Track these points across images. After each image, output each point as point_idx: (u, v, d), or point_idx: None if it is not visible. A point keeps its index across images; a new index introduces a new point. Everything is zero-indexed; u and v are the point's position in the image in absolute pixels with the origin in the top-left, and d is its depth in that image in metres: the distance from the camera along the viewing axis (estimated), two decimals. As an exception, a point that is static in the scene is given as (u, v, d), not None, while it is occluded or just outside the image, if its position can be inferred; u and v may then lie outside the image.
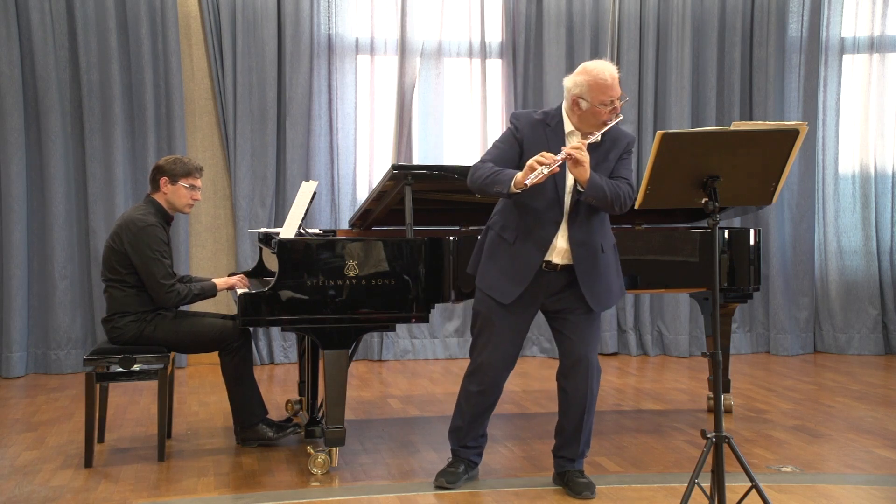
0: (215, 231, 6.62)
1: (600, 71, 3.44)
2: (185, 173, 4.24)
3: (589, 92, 3.44)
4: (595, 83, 3.42)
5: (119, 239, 4.13)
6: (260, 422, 4.28)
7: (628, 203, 3.48)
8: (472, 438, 3.81)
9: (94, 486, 3.77)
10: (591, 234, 3.56)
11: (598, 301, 3.59)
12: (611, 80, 3.43)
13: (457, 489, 3.72)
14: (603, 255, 3.59)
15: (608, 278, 3.61)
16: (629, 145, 3.59)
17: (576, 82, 3.47)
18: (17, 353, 6.12)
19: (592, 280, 3.56)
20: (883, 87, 7.11)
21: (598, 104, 3.44)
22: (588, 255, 3.56)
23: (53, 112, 6.13)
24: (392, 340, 6.75)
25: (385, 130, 6.75)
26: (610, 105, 3.44)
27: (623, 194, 3.46)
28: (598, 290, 3.58)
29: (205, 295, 4.22)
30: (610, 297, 3.64)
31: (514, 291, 3.57)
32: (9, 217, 6.11)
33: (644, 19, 6.93)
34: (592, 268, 3.56)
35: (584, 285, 3.55)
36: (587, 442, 3.73)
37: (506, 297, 3.58)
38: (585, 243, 3.55)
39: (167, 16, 6.27)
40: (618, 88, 3.45)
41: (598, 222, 3.59)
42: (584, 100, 3.45)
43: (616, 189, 3.45)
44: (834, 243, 7.14)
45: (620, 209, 3.48)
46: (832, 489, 3.76)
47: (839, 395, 5.60)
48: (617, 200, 3.45)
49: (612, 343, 6.98)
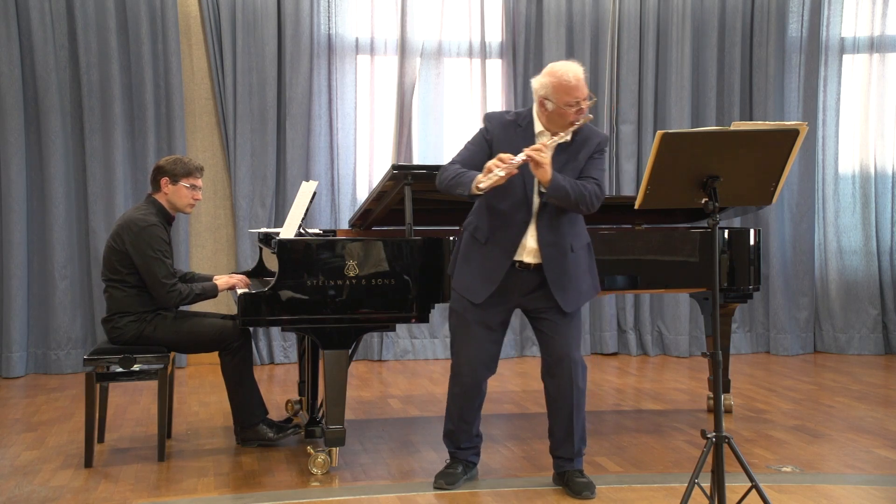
0: (215, 231, 6.62)
1: (564, 72, 3.45)
2: (186, 173, 4.24)
3: (554, 93, 3.46)
4: (559, 84, 3.44)
5: (120, 239, 4.13)
6: (260, 422, 4.28)
7: (595, 203, 3.48)
8: (466, 439, 3.81)
9: (94, 486, 3.77)
10: (560, 234, 3.56)
11: (568, 302, 3.58)
12: (575, 81, 3.44)
13: (456, 489, 3.72)
14: (572, 254, 3.59)
15: (578, 278, 3.60)
16: (600, 145, 3.59)
17: (542, 83, 3.50)
18: (17, 353, 6.12)
19: (562, 281, 3.57)
20: (883, 87, 7.11)
21: (563, 105, 3.46)
22: (557, 256, 3.56)
23: (53, 112, 6.13)
24: (392, 340, 6.76)
25: (385, 130, 6.75)
26: (575, 106, 3.45)
27: (589, 194, 3.46)
28: (567, 290, 3.58)
29: (206, 295, 4.22)
30: (579, 298, 3.63)
31: (486, 291, 3.59)
32: (9, 217, 6.11)
33: (644, 19, 6.94)
34: (562, 268, 3.57)
35: (554, 286, 3.56)
36: (582, 439, 3.73)
37: (477, 296, 3.62)
38: (554, 244, 3.56)
39: (167, 16, 6.27)
40: (583, 89, 3.46)
41: (567, 223, 3.58)
42: (550, 101, 3.48)
43: (581, 189, 3.45)
44: (834, 243, 7.14)
45: (587, 209, 3.49)
46: (832, 489, 3.76)
47: (839, 395, 5.60)
48: (582, 201, 3.45)
49: (612, 343, 6.98)
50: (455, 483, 3.74)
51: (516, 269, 3.59)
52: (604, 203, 4.71)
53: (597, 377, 6.18)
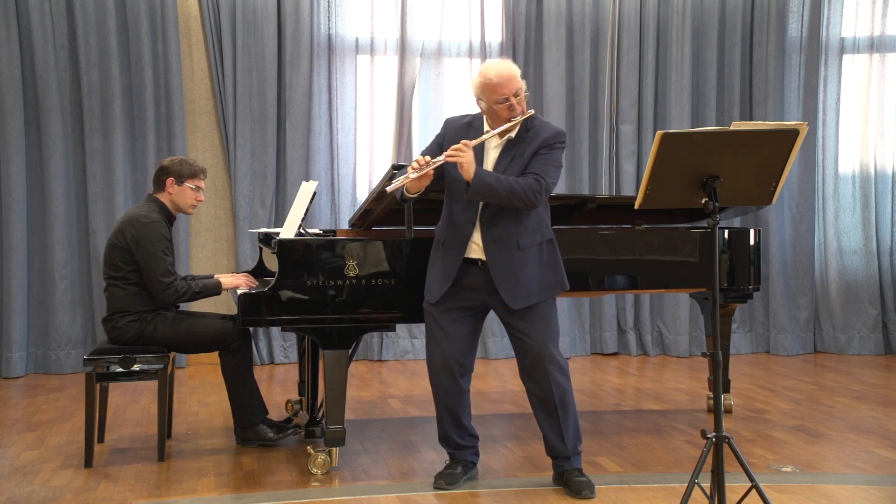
0: (215, 231, 6.62)
1: (487, 71, 3.50)
2: (192, 174, 4.26)
3: (482, 92, 3.51)
4: (484, 83, 3.49)
5: (122, 235, 4.14)
6: (260, 422, 4.28)
7: (532, 197, 3.46)
8: (461, 438, 3.81)
9: (94, 486, 3.77)
10: (506, 232, 3.56)
11: (514, 298, 3.56)
12: (497, 78, 3.46)
13: (456, 489, 3.72)
14: (519, 252, 3.56)
15: (526, 276, 3.57)
16: (547, 140, 3.55)
17: (473, 84, 3.57)
18: (17, 353, 6.12)
19: (507, 277, 3.56)
20: (883, 87, 7.11)
21: (492, 103, 3.49)
22: (501, 252, 3.56)
23: (53, 112, 6.13)
24: (392, 340, 6.75)
25: (385, 130, 6.75)
26: (504, 103, 3.47)
27: (522, 189, 3.44)
28: (513, 287, 3.56)
29: (207, 293, 4.21)
30: (529, 296, 3.58)
31: (441, 289, 3.63)
32: (9, 217, 6.11)
33: (644, 19, 6.94)
34: (506, 265, 3.56)
35: (498, 282, 3.56)
36: (576, 437, 3.71)
37: (433, 295, 3.66)
38: (497, 241, 3.56)
39: (167, 16, 6.27)
40: (510, 85, 3.46)
41: (512, 219, 3.56)
42: (482, 100, 3.54)
43: (511, 185, 3.44)
44: (834, 243, 7.14)
45: (523, 204, 3.47)
46: (832, 489, 3.76)
47: (839, 395, 5.60)
48: (514, 196, 3.44)
49: (612, 343, 6.98)
50: (455, 483, 3.74)
51: (474, 268, 3.61)
52: (604, 203, 4.78)
53: (597, 377, 6.19)
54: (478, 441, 3.90)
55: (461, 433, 3.81)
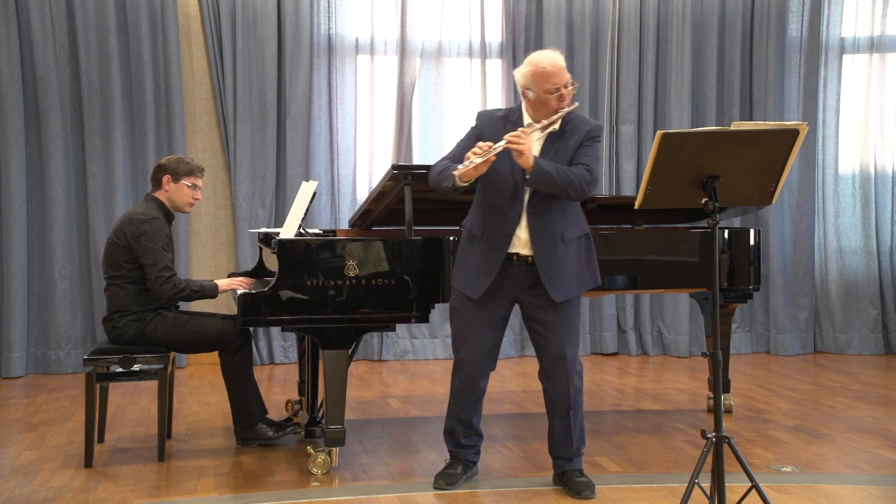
0: (215, 231, 6.62)
1: (541, 60, 3.48)
2: (188, 172, 4.27)
3: (533, 82, 3.49)
4: (536, 72, 3.47)
5: (122, 233, 4.14)
6: (260, 422, 4.28)
7: (585, 187, 3.46)
8: (466, 437, 3.81)
9: (94, 486, 3.77)
10: (550, 223, 3.55)
11: (557, 291, 3.56)
12: (551, 67, 3.46)
13: (456, 489, 3.72)
14: (563, 244, 3.56)
15: (568, 268, 3.58)
16: (590, 133, 3.57)
17: (522, 74, 3.53)
18: (17, 353, 6.12)
19: (551, 270, 3.55)
20: (883, 87, 7.11)
21: (542, 93, 3.48)
22: (547, 244, 3.55)
23: (53, 112, 6.13)
24: (392, 340, 6.76)
25: (385, 130, 6.75)
26: (555, 93, 3.47)
27: (577, 178, 3.44)
28: (557, 279, 3.56)
29: (204, 293, 4.21)
30: (570, 288, 3.59)
31: (483, 285, 3.60)
32: (9, 217, 6.11)
33: (644, 19, 6.94)
34: (551, 257, 3.55)
35: (543, 273, 3.55)
36: (581, 439, 3.73)
37: (475, 291, 3.62)
38: (544, 232, 3.55)
39: (167, 16, 6.27)
40: (562, 76, 3.47)
41: (557, 211, 3.56)
42: (531, 90, 3.51)
43: (567, 174, 3.43)
44: (834, 243, 7.14)
45: (577, 194, 3.46)
46: (832, 489, 3.76)
47: (839, 395, 5.60)
48: (570, 185, 3.43)
49: (612, 343, 6.98)
50: (454, 483, 3.74)
51: (514, 263, 3.59)
52: (604, 203, 4.78)
53: (597, 377, 6.19)
54: (482, 441, 3.90)
55: (467, 431, 3.81)
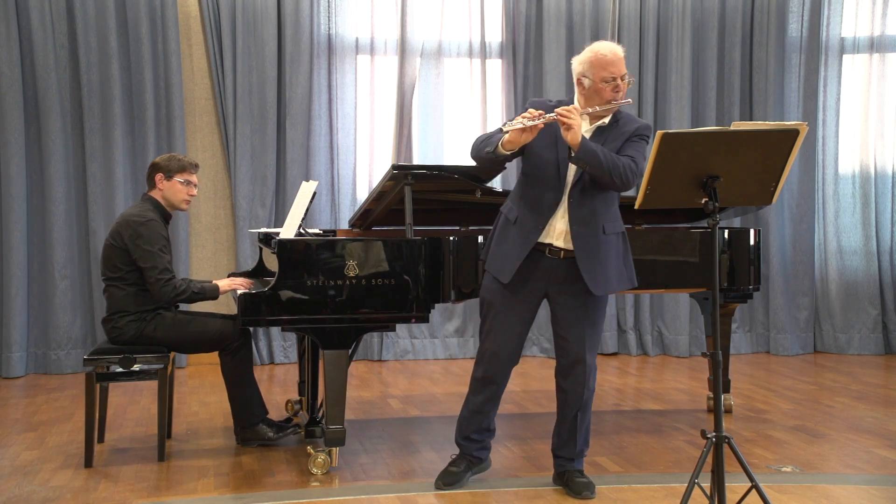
0: (215, 231, 6.62)
1: (602, 48, 3.47)
2: (180, 169, 4.26)
3: (591, 69, 3.47)
4: (596, 59, 3.45)
5: (119, 236, 4.14)
6: (260, 422, 4.28)
7: (630, 177, 3.40)
8: (476, 430, 3.77)
9: (94, 486, 3.77)
10: (593, 214, 3.51)
11: (596, 284, 3.52)
12: (611, 56, 3.44)
13: (457, 489, 3.72)
14: (604, 236, 3.53)
15: (607, 263, 3.54)
16: (639, 129, 3.53)
17: (580, 60, 3.52)
18: (17, 353, 6.12)
19: (591, 261, 3.51)
20: (883, 87, 7.11)
21: (599, 81, 3.45)
22: (587, 235, 3.51)
23: (53, 112, 6.13)
24: (392, 340, 6.75)
25: (385, 130, 6.75)
26: (612, 82, 3.44)
27: (623, 165, 3.38)
28: (596, 272, 3.51)
29: (205, 295, 4.21)
30: (608, 283, 3.56)
31: (513, 267, 3.55)
32: (9, 217, 6.10)
33: (644, 19, 6.93)
34: (592, 249, 3.51)
35: (582, 265, 3.50)
36: (586, 441, 3.73)
37: (504, 274, 3.57)
38: (586, 223, 3.51)
39: (167, 16, 6.27)
40: (620, 66, 3.45)
41: (601, 204, 3.53)
42: (587, 77, 3.48)
43: (614, 159, 3.37)
44: (834, 243, 7.14)
45: (621, 182, 3.40)
46: (832, 489, 3.76)
47: (839, 395, 5.60)
48: (615, 170, 3.36)
49: (612, 343, 6.98)
50: (453, 483, 3.73)
51: (546, 256, 3.56)
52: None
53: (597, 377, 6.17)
54: (492, 436, 3.86)
55: (480, 424, 3.77)
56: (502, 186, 6.12)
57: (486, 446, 3.85)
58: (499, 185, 5.51)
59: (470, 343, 6.83)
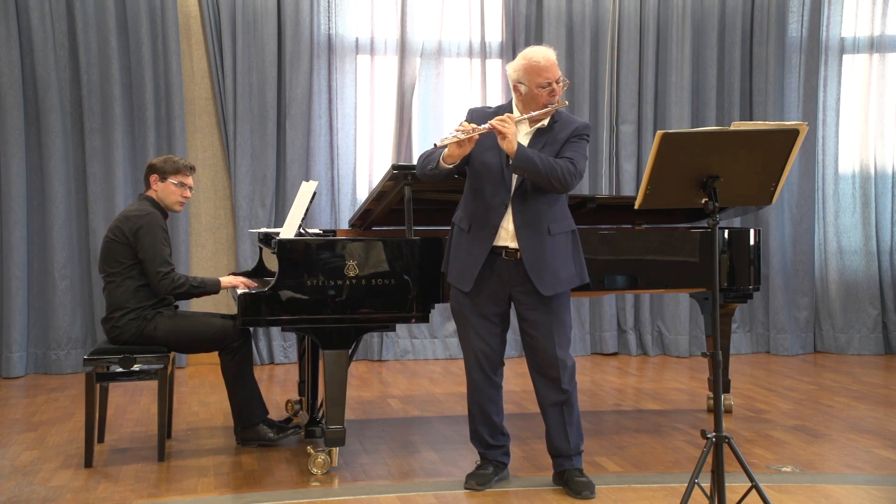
0: (215, 231, 6.62)
1: (534, 54, 3.50)
2: (175, 171, 4.27)
3: (525, 75, 3.50)
4: (529, 66, 3.48)
5: (120, 231, 4.14)
6: (260, 422, 4.28)
7: (569, 179, 3.45)
8: (492, 437, 3.79)
9: (94, 486, 3.77)
10: (538, 216, 3.55)
11: (544, 285, 3.55)
12: (544, 62, 3.47)
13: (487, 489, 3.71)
14: (550, 238, 3.56)
15: (555, 263, 3.57)
16: (577, 129, 3.57)
17: (514, 68, 3.55)
18: (17, 353, 6.12)
19: (538, 262, 3.54)
20: (883, 87, 7.11)
21: (534, 87, 3.49)
22: (532, 236, 3.54)
23: (53, 112, 6.13)
24: (392, 340, 6.75)
25: (385, 130, 6.75)
26: (547, 87, 3.48)
27: (561, 168, 3.43)
28: (543, 273, 3.55)
29: (206, 288, 4.21)
30: (557, 283, 3.58)
31: (471, 276, 3.59)
32: (9, 217, 6.11)
33: (644, 19, 6.93)
34: (537, 250, 3.54)
35: (529, 267, 3.54)
36: (579, 435, 3.72)
37: (465, 284, 3.62)
38: (530, 225, 3.54)
39: (167, 16, 6.27)
40: (554, 71, 3.48)
41: (544, 204, 3.56)
42: (523, 84, 3.52)
43: (551, 163, 3.43)
44: (834, 243, 7.14)
45: (560, 185, 3.45)
46: (832, 489, 3.76)
47: (839, 395, 5.60)
48: (553, 174, 3.41)
49: (612, 343, 6.98)
50: (485, 484, 3.73)
51: (502, 258, 3.59)
52: (604, 203, 4.78)
53: (597, 377, 6.19)
54: (509, 440, 3.87)
55: (492, 431, 3.79)
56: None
57: (507, 451, 3.85)
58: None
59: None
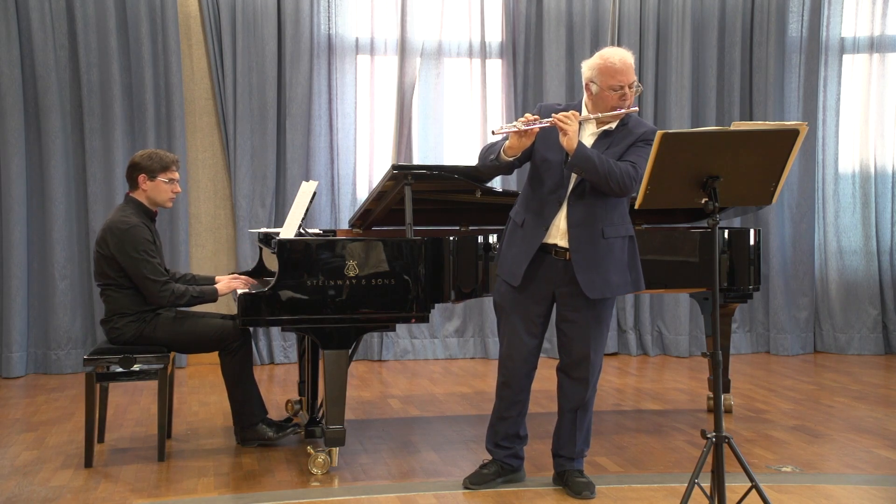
0: (215, 231, 6.62)
1: (611, 55, 3.46)
2: (163, 168, 4.22)
3: (599, 75, 3.46)
4: (604, 66, 3.44)
5: (105, 243, 4.11)
6: (260, 422, 4.28)
7: (628, 182, 3.39)
8: (504, 437, 3.77)
9: (94, 486, 3.77)
10: (592, 217, 3.50)
11: (592, 287, 3.50)
12: (620, 64, 3.43)
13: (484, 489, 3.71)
14: (603, 240, 3.51)
15: (606, 267, 3.52)
16: (644, 135, 3.51)
17: (589, 66, 3.51)
18: (17, 353, 6.12)
19: (588, 264, 3.50)
20: (883, 87, 7.11)
21: (606, 88, 3.45)
22: (584, 237, 3.50)
23: (53, 112, 6.13)
24: (392, 340, 6.75)
25: (385, 130, 6.75)
26: (619, 90, 3.44)
27: (620, 171, 3.38)
28: (592, 275, 3.50)
29: (204, 299, 4.20)
30: (606, 287, 3.53)
31: (521, 271, 3.55)
32: (9, 217, 6.10)
33: (644, 19, 6.93)
34: (588, 251, 3.50)
35: (578, 268, 3.49)
36: (586, 440, 3.73)
37: (514, 278, 3.58)
38: (583, 224, 3.50)
39: (167, 16, 6.27)
40: (629, 75, 3.44)
41: (601, 207, 3.51)
42: (595, 83, 3.48)
43: (610, 165, 3.38)
44: (834, 243, 7.14)
45: (619, 188, 3.39)
46: (832, 489, 3.76)
47: (839, 395, 5.60)
48: (611, 175, 3.36)
49: (612, 343, 6.97)
50: (480, 483, 3.72)
51: (551, 257, 3.55)
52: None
53: (597, 377, 6.19)
54: (522, 444, 3.83)
55: (507, 432, 3.76)
56: (502, 187, 6.12)
57: (518, 454, 3.82)
58: (498, 186, 5.52)
59: (470, 343, 6.83)
